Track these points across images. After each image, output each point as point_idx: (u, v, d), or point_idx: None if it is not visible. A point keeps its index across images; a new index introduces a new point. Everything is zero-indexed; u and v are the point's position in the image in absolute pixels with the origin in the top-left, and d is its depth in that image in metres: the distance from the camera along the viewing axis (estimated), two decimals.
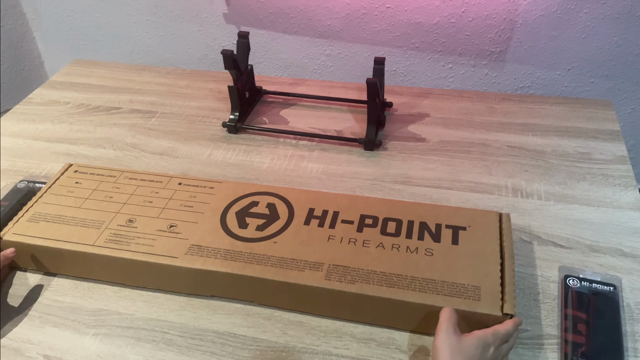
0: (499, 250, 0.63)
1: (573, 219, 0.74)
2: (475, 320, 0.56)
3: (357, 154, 0.89)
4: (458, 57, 1.38)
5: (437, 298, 0.58)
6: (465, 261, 0.62)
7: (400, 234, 0.66)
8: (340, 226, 0.67)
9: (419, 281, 0.60)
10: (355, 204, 0.71)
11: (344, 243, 0.65)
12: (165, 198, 0.73)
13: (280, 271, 0.62)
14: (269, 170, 0.87)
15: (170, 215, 0.70)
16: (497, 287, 0.58)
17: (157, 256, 0.65)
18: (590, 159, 0.84)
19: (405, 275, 0.60)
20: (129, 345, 0.62)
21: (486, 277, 0.60)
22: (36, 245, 0.67)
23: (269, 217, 0.69)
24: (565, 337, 0.59)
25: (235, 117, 0.95)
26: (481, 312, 0.56)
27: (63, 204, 0.73)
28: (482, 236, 0.65)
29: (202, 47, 1.60)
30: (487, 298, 0.57)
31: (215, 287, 0.65)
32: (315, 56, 1.50)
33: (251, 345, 0.61)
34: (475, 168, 0.84)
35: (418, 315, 0.59)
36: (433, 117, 0.97)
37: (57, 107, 1.05)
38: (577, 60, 1.33)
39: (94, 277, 0.69)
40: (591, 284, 0.64)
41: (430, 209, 0.70)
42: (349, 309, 0.62)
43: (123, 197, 0.74)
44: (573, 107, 0.97)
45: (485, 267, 0.61)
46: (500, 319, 0.56)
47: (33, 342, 0.63)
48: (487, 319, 0.56)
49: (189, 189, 0.75)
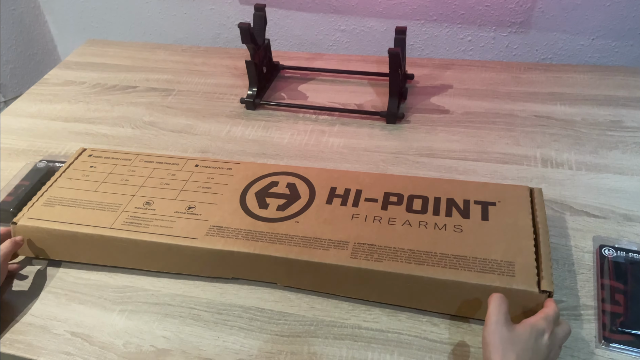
0: (531, 224, 0.60)
1: (606, 188, 0.72)
2: (511, 300, 0.53)
3: (379, 127, 0.87)
4: (478, 29, 1.34)
5: (469, 275, 0.55)
6: (496, 236, 0.59)
7: (427, 211, 0.63)
8: (363, 204, 0.65)
9: (449, 258, 0.57)
10: (378, 181, 0.68)
11: (368, 221, 0.63)
12: (182, 180, 0.71)
13: (304, 250, 0.60)
14: (289, 145, 0.85)
15: (188, 197, 0.69)
16: (532, 262, 0.55)
17: (176, 237, 0.63)
18: (622, 127, 0.82)
19: (434, 252, 0.58)
20: (156, 321, 0.61)
21: (520, 253, 0.57)
22: (52, 229, 0.66)
23: (290, 197, 0.67)
24: (602, 307, 0.58)
25: (253, 92, 0.93)
26: (516, 289, 0.53)
27: (78, 187, 0.71)
28: (513, 211, 0.62)
29: (215, 27, 1.57)
30: (521, 274, 0.54)
31: (237, 269, 0.63)
32: (330, 32, 1.47)
33: (279, 320, 0.60)
34: (502, 139, 0.82)
35: (449, 294, 0.56)
36: (456, 88, 0.94)
37: (73, 87, 1.04)
38: (601, 30, 1.28)
39: (112, 262, 0.67)
40: (628, 253, 0.62)
41: (457, 185, 0.67)
42: (376, 289, 0.59)
43: (139, 180, 0.72)
44: (602, 75, 0.93)
45: (518, 242, 0.58)
46: (536, 297, 0.53)
47: (60, 319, 0.62)
48: (523, 296, 0.53)
49: (206, 171, 0.73)
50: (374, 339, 0.57)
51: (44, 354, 0.59)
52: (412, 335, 0.57)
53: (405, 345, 0.56)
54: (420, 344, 0.56)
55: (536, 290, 0.53)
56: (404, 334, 0.57)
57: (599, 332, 0.56)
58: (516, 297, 0.53)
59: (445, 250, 0.58)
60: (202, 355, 0.57)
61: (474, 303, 0.56)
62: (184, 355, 0.57)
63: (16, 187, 0.79)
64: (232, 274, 0.64)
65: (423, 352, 0.56)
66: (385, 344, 0.57)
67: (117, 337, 0.60)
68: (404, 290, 0.58)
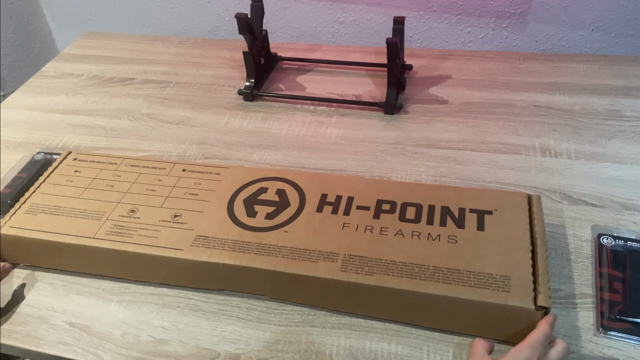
0: (529, 235, 0.58)
1: (605, 177, 0.71)
2: (506, 317, 0.52)
3: (378, 118, 0.87)
4: (477, 20, 1.34)
5: (463, 290, 0.53)
6: (492, 248, 0.57)
7: (420, 220, 0.61)
8: (355, 213, 0.63)
9: (442, 271, 0.55)
10: (371, 188, 0.66)
11: (359, 231, 0.61)
12: (168, 186, 0.69)
13: (292, 262, 0.58)
14: (287, 136, 0.85)
15: (175, 204, 0.67)
16: (529, 276, 0.54)
17: (161, 248, 0.61)
18: (621, 116, 0.81)
19: (427, 265, 0.56)
20: (154, 312, 0.61)
21: (516, 266, 0.55)
22: (34, 239, 0.64)
23: (279, 205, 0.65)
24: (601, 295, 0.57)
25: (251, 84, 0.93)
26: (512, 305, 0.51)
27: (62, 194, 0.69)
28: (510, 220, 0.60)
29: (213, 19, 1.57)
30: (517, 289, 0.53)
31: (223, 281, 0.62)
32: (329, 24, 1.47)
33: (277, 310, 0.60)
34: (501, 129, 0.81)
35: (442, 309, 0.55)
36: (455, 78, 0.94)
37: (71, 80, 1.04)
38: (601, 20, 1.28)
39: (95, 272, 0.65)
40: (626, 242, 0.62)
41: (452, 192, 0.65)
42: (367, 303, 0.58)
43: (124, 186, 0.70)
44: (601, 65, 0.93)
45: (514, 254, 0.56)
46: (532, 314, 0.51)
47: (58, 310, 0.62)
48: (519, 313, 0.52)
49: (193, 175, 0.70)
50: (371, 327, 0.57)
51: (42, 344, 0.59)
52: (409, 325, 0.57)
53: (403, 334, 0.56)
54: (418, 333, 0.56)
55: (532, 307, 0.51)
56: (402, 323, 0.57)
57: (597, 320, 0.56)
58: (512, 314, 0.52)
59: (438, 263, 0.56)
60: (200, 345, 0.57)
61: (467, 319, 0.55)
62: (181, 345, 0.57)
63: (14, 179, 0.78)
64: (219, 285, 0.63)
65: (421, 340, 0.56)
66: (383, 332, 0.57)
67: (115, 327, 0.60)
68: (395, 306, 0.56)
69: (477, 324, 0.55)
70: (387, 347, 0.55)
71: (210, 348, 0.57)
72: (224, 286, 0.63)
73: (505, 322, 0.53)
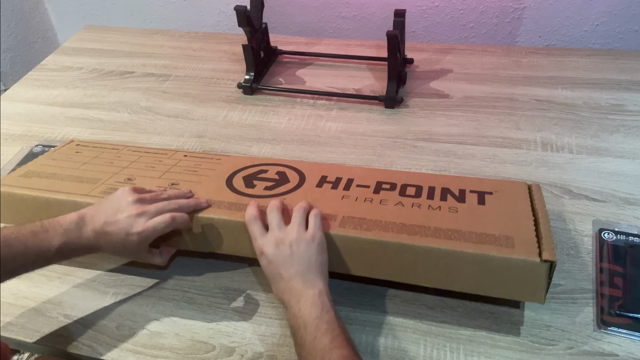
0: (530, 209, 0.57)
1: (606, 172, 0.71)
2: (510, 272, 0.50)
3: (378, 112, 0.86)
4: (480, 15, 1.33)
5: (465, 245, 0.51)
6: (494, 216, 0.56)
7: (420, 196, 0.60)
8: (355, 189, 0.62)
9: (443, 231, 0.53)
10: (371, 173, 0.66)
11: (359, 201, 0.59)
12: (168, 165, 0.69)
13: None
14: (286, 130, 0.84)
15: (173, 177, 0.66)
16: (533, 237, 0.52)
17: None
18: (623, 110, 0.80)
19: (427, 226, 0.54)
20: (150, 304, 0.61)
21: (519, 229, 0.53)
22: (24, 195, 0.63)
23: (279, 181, 0.64)
24: (601, 290, 0.57)
25: (250, 77, 0.92)
26: (516, 258, 0.49)
27: (60, 165, 0.69)
28: (510, 198, 0.59)
29: (214, 13, 1.56)
30: (521, 246, 0.51)
31: (218, 240, 0.59)
32: (331, 19, 1.46)
33: (273, 303, 0.59)
34: (502, 123, 0.80)
35: (443, 265, 0.52)
36: (456, 72, 0.93)
37: (71, 73, 1.04)
38: (605, 15, 1.26)
39: None
40: (627, 236, 0.61)
41: (452, 178, 0.64)
42: (365, 261, 0.56)
43: (124, 163, 0.69)
44: (604, 59, 0.92)
45: (516, 220, 0.55)
46: (538, 267, 0.49)
47: (53, 302, 0.62)
48: (524, 267, 0.49)
49: (194, 160, 0.70)
50: (368, 321, 0.57)
51: (37, 336, 0.58)
52: (407, 318, 0.57)
53: (400, 328, 0.56)
54: (415, 327, 0.56)
55: (537, 259, 0.49)
56: (399, 317, 0.57)
57: (597, 315, 0.55)
58: (516, 269, 0.50)
59: (439, 225, 0.54)
60: (195, 339, 0.57)
61: (469, 276, 0.52)
62: (177, 338, 0.57)
63: (12, 171, 0.78)
64: (214, 246, 0.60)
65: (418, 335, 0.55)
66: (380, 326, 0.56)
67: (111, 320, 0.59)
68: (394, 263, 0.54)
69: (479, 281, 0.52)
70: (384, 341, 0.55)
71: (205, 341, 0.56)
72: (218, 247, 0.60)
73: (509, 278, 0.50)
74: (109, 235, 0.54)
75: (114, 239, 0.54)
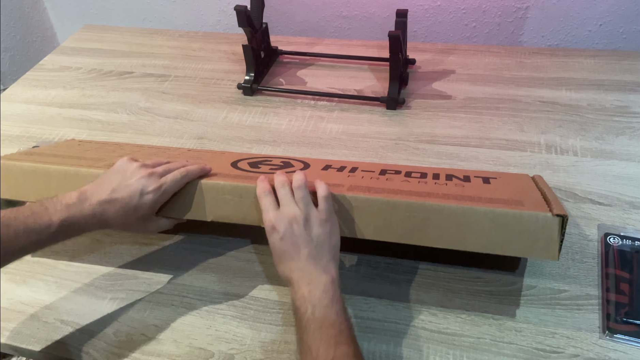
0: (535, 187, 0.58)
1: (612, 175, 0.69)
2: (521, 228, 0.49)
3: (379, 113, 0.85)
4: (482, 15, 1.31)
5: (474, 203, 0.51)
6: (501, 190, 0.56)
7: (426, 177, 0.60)
8: (360, 173, 0.62)
9: (452, 196, 0.53)
10: (375, 164, 0.67)
11: (365, 179, 0.59)
12: (172, 153, 0.70)
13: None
14: (287, 131, 0.83)
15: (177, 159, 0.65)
16: (541, 200, 0.53)
17: None
18: (629, 112, 0.79)
19: (436, 192, 0.54)
20: (148, 309, 0.60)
21: (526, 196, 0.54)
22: (23, 166, 0.62)
23: (283, 167, 0.65)
24: (607, 297, 0.56)
25: (250, 78, 0.91)
26: (528, 212, 0.49)
27: (62, 150, 0.70)
28: (515, 180, 0.61)
29: (215, 12, 1.55)
30: (531, 204, 0.51)
31: (220, 207, 0.57)
32: (332, 18, 1.45)
33: (273, 309, 0.58)
34: (506, 125, 0.79)
35: (453, 224, 0.51)
36: (459, 73, 0.92)
37: (69, 73, 1.03)
38: (609, 15, 1.25)
39: None
40: (634, 241, 0.60)
41: (455, 169, 0.66)
42: (374, 222, 0.54)
43: (126, 152, 0.70)
44: (609, 60, 0.91)
45: (523, 191, 0.56)
46: (549, 220, 0.48)
47: (50, 307, 0.61)
48: (536, 221, 0.49)
49: (198, 152, 0.72)
50: (369, 328, 0.56)
51: (33, 342, 0.58)
52: (409, 325, 0.56)
53: (402, 335, 0.55)
54: (417, 334, 0.55)
55: (549, 213, 0.49)
56: (401, 324, 0.56)
57: (602, 322, 0.54)
58: (528, 224, 0.49)
59: (447, 193, 0.54)
60: (194, 345, 0.56)
61: (481, 234, 0.51)
62: (175, 344, 0.56)
63: None
64: (219, 215, 0.58)
65: (420, 342, 0.54)
66: (381, 333, 0.55)
67: (108, 325, 0.58)
68: (404, 224, 0.53)
69: (491, 239, 0.51)
70: (386, 348, 0.54)
71: (204, 347, 0.56)
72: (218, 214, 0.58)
73: (521, 234, 0.50)
74: (117, 202, 0.53)
75: (124, 205, 0.53)
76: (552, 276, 0.58)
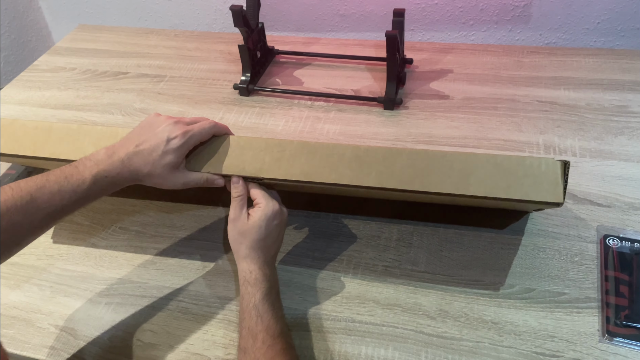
0: None
1: (611, 176, 0.69)
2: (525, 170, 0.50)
3: (377, 113, 0.85)
4: (479, 13, 1.31)
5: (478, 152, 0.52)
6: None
7: None
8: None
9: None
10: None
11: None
12: None
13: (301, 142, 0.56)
14: (283, 132, 0.83)
15: None
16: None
17: None
18: (628, 112, 0.79)
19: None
20: (143, 314, 0.59)
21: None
22: (24, 123, 0.62)
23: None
24: (606, 299, 0.55)
25: (246, 78, 0.91)
26: (531, 157, 0.51)
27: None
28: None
29: (211, 11, 1.54)
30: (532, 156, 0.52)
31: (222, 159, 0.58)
32: (329, 17, 1.44)
33: None
34: (504, 125, 0.79)
35: (457, 169, 0.52)
36: (456, 72, 0.91)
37: (64, 74, 1.02)
38: (607, 13, 1.24)
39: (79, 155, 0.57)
40: (633, 243, 0.60)
41: None
42: (376, 169, 0.53)
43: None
44: (607, 59, 0.90)
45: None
46: (552, 163, 0.50)
47: (44, 312, 0.60)
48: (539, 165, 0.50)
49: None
50: (368, 332, 0.55)
51: (27, 348, 0.57)
52: (407, 329, 0.55)
53: (401, 339, 0.54)
54: (416, 338, 0.54)
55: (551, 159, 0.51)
56: (400, 328, 0.55)
57: (602, 325, 0.54)
58: (531, 167, 0.51)
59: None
60: (190, 350, 0.55)
61: (484, 178, 0.51)
62: (171, 349, 0.55)
63: (3, 176, 0.77)
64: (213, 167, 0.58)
65: (419, 346, 0.54)
66: (379, 337, 0.55)
67: (103, 330, 0.58)
68: (407, 170, 0.53)
69: (494, 183, 0.51)
70: (384, 352, 0.53)
71: (200, 353, 0.55)
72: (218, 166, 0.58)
73: (525, 177, 0.50)
74: (145, 151, 0.54)
75: (151, 151, 0.54)
76: (551, 279, 0.58)
